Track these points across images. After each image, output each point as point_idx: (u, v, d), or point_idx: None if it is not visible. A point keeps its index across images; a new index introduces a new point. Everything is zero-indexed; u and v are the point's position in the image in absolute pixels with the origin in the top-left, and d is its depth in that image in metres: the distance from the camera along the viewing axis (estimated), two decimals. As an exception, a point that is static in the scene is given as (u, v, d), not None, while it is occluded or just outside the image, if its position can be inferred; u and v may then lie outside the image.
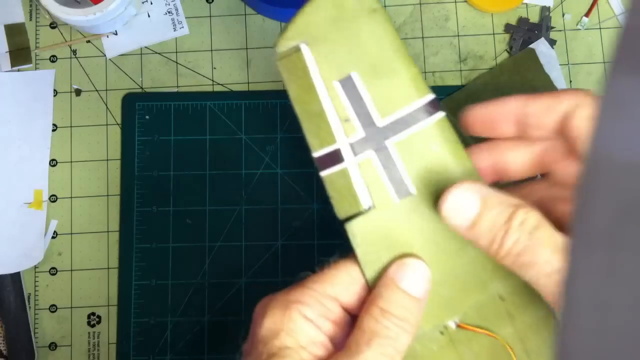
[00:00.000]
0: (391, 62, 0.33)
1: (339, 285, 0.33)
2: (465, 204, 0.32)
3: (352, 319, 0.34)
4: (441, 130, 0.34)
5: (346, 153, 0.33)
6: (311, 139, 0.34)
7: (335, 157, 0.33)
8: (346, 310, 0.34)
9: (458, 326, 0.34)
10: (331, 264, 0.34)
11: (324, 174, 0.34)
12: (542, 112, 0.34)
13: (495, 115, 0.36)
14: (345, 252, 0.34)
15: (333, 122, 0.33)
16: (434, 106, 0.34)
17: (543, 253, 0.30)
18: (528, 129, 0.35)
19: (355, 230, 0.33)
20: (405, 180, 0.33)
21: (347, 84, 0.33)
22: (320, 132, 0.33)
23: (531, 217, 0.31)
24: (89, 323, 0.50)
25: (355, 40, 0.33)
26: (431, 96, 0.34)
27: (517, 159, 0.36)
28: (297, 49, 0.33)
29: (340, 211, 0.34)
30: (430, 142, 0.33)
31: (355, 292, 0.34)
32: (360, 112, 0.33)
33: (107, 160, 0.52)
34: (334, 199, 0.34)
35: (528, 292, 0.33)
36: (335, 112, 0.33)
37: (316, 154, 0.34)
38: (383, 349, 0.31)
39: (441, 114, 0.34)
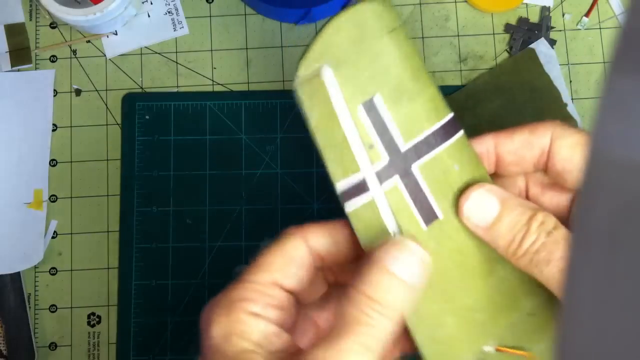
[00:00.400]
0: (412, 83, 0.32)
1: (276, 270, 0.32)
2: (485, 204, 0.32)
3: (295, 299, 0.33)
4: (460, 149, 0.34)
5: (372, 182, 0.32)
6: (333, 168, 0.32)
7: (360, 187, 0.32)
8: (289, 292, 0.33)
9: (496, 350, 0.33)
10: (263, 251, 0.33)
11: (349, 205, 0.33)
12: (520, 148, 0.35)
13: None
14: (275, 235, 0.33)
15: (357, 149, 0.32)
16: (453, 125, 0.33)
17: (559, 250, 0.31)
18: (507, 166, 0.36)
19: None
20: (432, 205, 0.33)
21: (371, 107, 0.32)
22: (344, 160, 0.32)
23: (550, 219, 0.32)
24: (89, 323, 0.50)
25: (377, 62, 0.32)
26: (450, 115, 0.33)
27: None
28: (317, 74, 0.31)
29: (367, 244, 0.33)
30: (452, 163, 0.33)
31: (293, 273, 0.33)
32: (384, 137, 0.32)
33: (107, 160, 0.52)
34: (359, 232, 0.33)
35: (556, 303, 0.33)
36: (359, 138, 0.32)
37: (340, 184, 0.33)
38: (362, 337, 0.29)
39: (460, 133, 0.34)
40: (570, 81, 0.53)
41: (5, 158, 0.51)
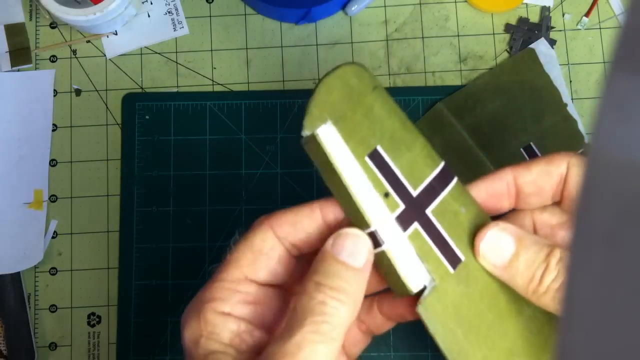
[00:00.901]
0: (405, 133, 0.34)
1: (245, 265, 0.32)
2: (501, 243, 0.32)
3: (276, 291, 0.33)
4: (460, 193, 0.34)
5: (385, 234, 0.32)
6: (352, 220, 0.33)
7: (374, 241, 0.32)
8: (267, 285, 0.33)
9: None
10: (232, 247, 0.33)
11: (375, 252, 0.33)
12: (539, 178, 0.35)
13: (493, 191, 0.36)
14: (245, 230, 0.33)
15: (369, 201, 0.32)
16: (448, 171, 0.34)
17: None
18: (527, 197, 0.36)
19: (428, 314, 0.32)
20: (453, 248, 0.33)
21: (377, 157, 0.33)
22: (356, 216, 0.33)
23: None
24: (89, 323, 0.50)
25: (371, 115, 0.33)
26: (443, 162, 0.34)
27: None
28: (313, 136, 0.32)
29: (396, 293, 0.33)
30: (458, 206, 0.34)
31: (264, 266, 0.32)
32: (395, 184, 0.33)
33: (107, 160, 0.52)
34: (386, 281, 0.34)
35: None
36: (373, 187, 0.32)
37: (364, 232, 0.33)
38: (317, 326, 0.29)
39: (455, 178, 0.34)
40: (570, 81, 0.53)
41: (5, 158, 0.51)
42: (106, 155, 0.52)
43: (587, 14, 0.53)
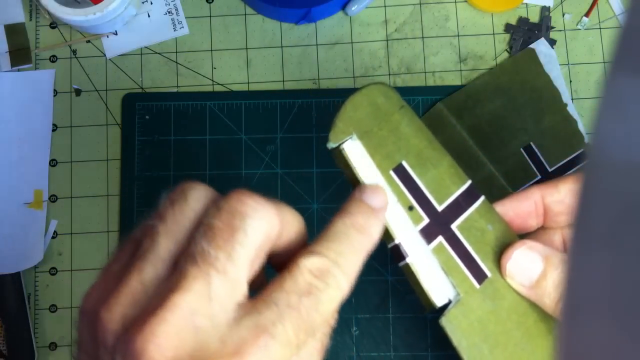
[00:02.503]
0: (431, 151, 0.34)
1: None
2: (529, 262, 0.32)
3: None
4: (488, 211, 0.34)
5: (409, 247, 0.33)
6: None
7: (399, 253, 0.33)
8: None
9: None
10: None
11: (399, 265, 0.34)
12: (566, 196, 0.35)
13: (520, 211, 0.36)
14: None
15: (394, 214, 0.33)
16: (474, 190, 0.34)
17: None
18: (555, 216, 0.35)
19: (452, 327, 0.32)
20: (479, 263, 0.33)
21: (401, 172, 0.34)
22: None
23: None
24: (89, 323, 0.50)
25: (397, 132, 0.34)
26: (469, 181, 0.35)
27: None
28: (339, 149, 0.33)
29: (424, 305, 0.33)
30: (485, 223, 0.34)
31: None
32: (420, 199, 0.33)
33: (107, 160, 0.52)
34: (416, 292, 0.34)
35: None
36: (397, 201, 0.33)
37: (388, 245, 0.34)
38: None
39: (482, 197, 0.35)
40: (570, 81, 0.53)
41: (5, 158, 0.51)
42: (106, 155, 0.52)
43: (587, 14, 0.53)
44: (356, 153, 0.33)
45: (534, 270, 0.32)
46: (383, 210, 0.32)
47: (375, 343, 0.49)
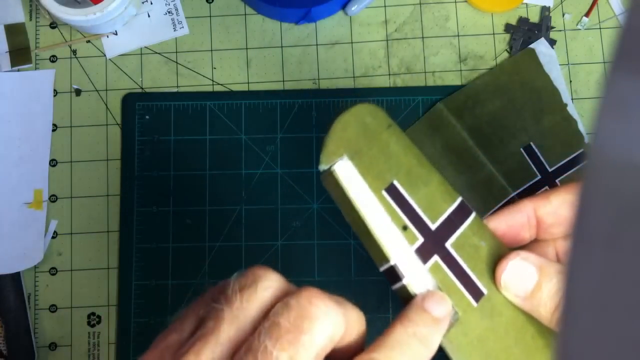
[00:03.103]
0: (421, 169, 0.34)
1: None
2: (523, 273, 0.32)
3: None
4: (480, 227, 0.34)
5: (405, 268, 0.32)
6: (371, 254, 0.33)
7: (394, 275, 0.33)
8: None
9: None
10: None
11: (393, 287, 0.33)
12: (559, 208, 0.35)
13: (513, 224, 0.36)
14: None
15: (388, 235, 0.33)
16: (465, 206, 0.34)
17: None
18: (548, 228, 0.35)
19: (452, 347, 0.32)
20: (475, 281, 0.33)
21: (393, 191, 0.33)
22: (373, 249, 0.33)
23: None
24: (89, 323, 0.50)
25: (387, 151, 0.34)
26: (460, 197, 0.35)
27: None
28: (330, 171, 0.33)
29: None
30: (478, 239, 0.34)
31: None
32: (413, 217, 0.33)
33: (107, 160, 0.52)
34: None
35: None
36: (391, 221, 0.33)
37: (381, 269, 0.33)
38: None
39: (474, 213, 0.35)
40: (570, 81, 0.53)
41: (5, 158, 0.51)
42: (106, 155, 0.52)
43: (587, 14, 0.53)
44: (347, 175, 0.33)
45: (529, 280, 0.32)
46: (446, 321, 0.31)
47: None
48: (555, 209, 0.35)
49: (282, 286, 0.28)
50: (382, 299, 0.50)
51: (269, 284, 0.28)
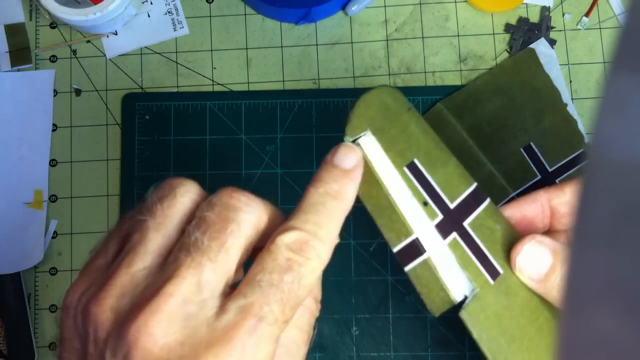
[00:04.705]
0: (439, 152, 0.35)
1: None
2: (538, 256, 0.32)
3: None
4: (494, 212, 0.35)
5: (427, 242, 0.33)
6: (387, 233, 0.34)
7: (415, 249, 0.33)
8: None
9: None
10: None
11: (407, 268, 0.34)
12: (572, 199, 0.35)
13: (527, 213, 0.36)
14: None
15: (410, 209, 0.33)
16: (480, 192, 0.35)
17: None
18: (561, 218, 0.36)
19: (472, 320, 0.32)
20: (492, 260, 0.34)
21: (413, 169, 0.34)
22: (395, 225, 0.33)
23: None
24: (89, 323, 0.50)
25: (407, 132, 0.35)
26: (475, 183, 0.35)
27: None
28: (356, 142, 0.34)
29: (433, 307, 0.33)
30: (493, 222, 0.34)
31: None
32: (432, 195, 0.34)
33: (107, 160, 0.52)
34: (423, 295, 0.34)
35: None
36: (412, 196, 0.34)
37: (395, 248, 0.34)
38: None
39: (488, 199, 0.35)
40: (570, 81, 0.53)
41: (5, 158, 0.51)
42: (106, 155, 0.52)
43: (587, 14, 0.53)
44: (371, 148, 0.34)
45: (543, 264, 0.32)
46: (357, 169, 0.32)
47: (375, 343, 0.49)
48: (569, 199, 0.35)
49: (200, 191, 0.30)
50: (382, 299, 0.50)
51: (186, 189, 0.30)
